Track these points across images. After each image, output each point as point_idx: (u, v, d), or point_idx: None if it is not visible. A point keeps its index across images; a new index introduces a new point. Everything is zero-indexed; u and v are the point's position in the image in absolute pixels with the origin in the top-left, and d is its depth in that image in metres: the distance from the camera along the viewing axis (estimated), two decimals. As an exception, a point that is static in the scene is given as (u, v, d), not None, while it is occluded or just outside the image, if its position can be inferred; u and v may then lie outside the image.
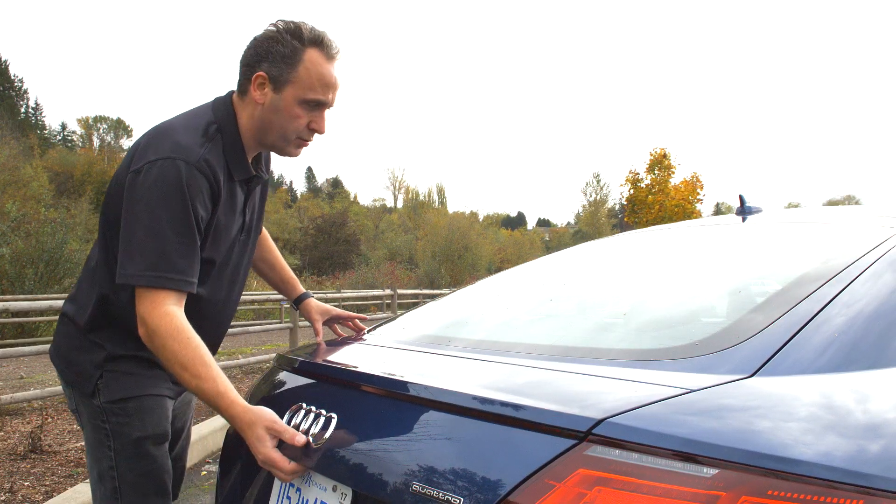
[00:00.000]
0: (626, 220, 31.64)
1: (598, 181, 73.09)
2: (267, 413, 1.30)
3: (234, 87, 1.57)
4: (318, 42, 1.48)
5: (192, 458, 4.43)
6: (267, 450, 1.26)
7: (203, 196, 1.45)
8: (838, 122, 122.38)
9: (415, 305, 16.59)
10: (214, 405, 1.36)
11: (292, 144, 1.55)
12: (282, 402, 1.39)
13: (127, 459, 1.55)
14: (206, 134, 1.49)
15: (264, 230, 1.94)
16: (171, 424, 1.68)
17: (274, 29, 1.48)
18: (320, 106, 1.51)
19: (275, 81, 1.47)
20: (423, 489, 0.92)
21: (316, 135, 1.56)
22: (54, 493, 3.58)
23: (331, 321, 1.96)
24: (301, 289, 1.97)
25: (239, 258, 1.67)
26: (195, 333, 1.40)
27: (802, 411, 0.81)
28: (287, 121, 1.50)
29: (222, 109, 1.54)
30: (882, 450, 0.74)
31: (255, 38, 1.50)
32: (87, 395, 1.57)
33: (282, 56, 1.45)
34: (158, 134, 1.48)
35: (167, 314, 1.38)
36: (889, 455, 0.73)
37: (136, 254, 1.39)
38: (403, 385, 1.13)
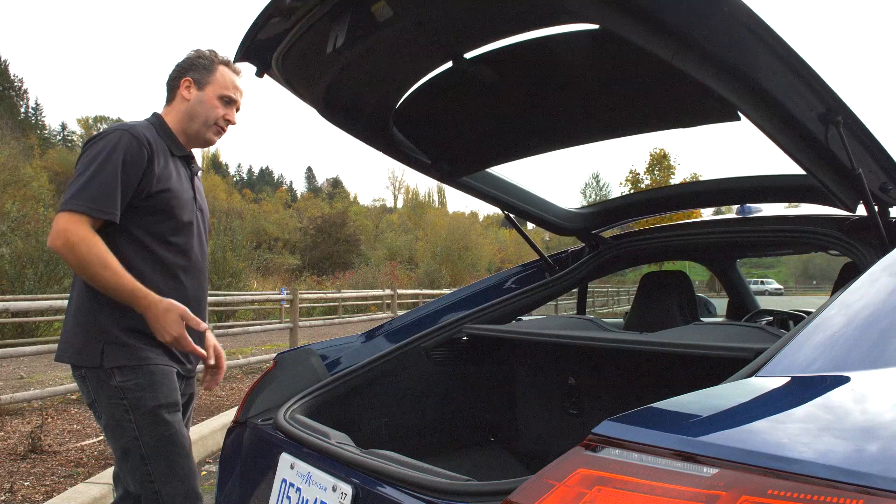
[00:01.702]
0: (626, 220, 31.51)
1: (598, 181, 72.91)
2: (178, 304, 1.79)
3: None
4: (226, 62, 2.03)
5: (192, 458, 4.42)
6: (181, 330, 1.79)
7: (136, 158, 1.82)
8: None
9: (414, 305, 16.57)
10: (132, 297, 1.76)
11: (212, 131, 2.03)
12: None
13: (147, 427, 1.79)
14: (144, 122, 1.97)
15: None
16: None
17: (195, 52, 2.03)
18: (232, 103, 2.03)
19: (198, 83, 1.99)
20: None
21: (230, 126, 2.06)
22: (54, 493, 3.58)
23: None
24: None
25: (199, 229, 2.02)
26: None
27: (802, 411, 0.81)
28: (209, 110, 2.00)
29: (151, 116, 2.02)
30: (882, 449, 0.74)
31: (179, 62, 2.02)
32: (103, 381, 1.77)
33: (203, 66, 2.00)
34: (108, 126, 1.94)
35: (89, 231, 1.75)
36: (889, 454, 0.73)
37: (67, 191, 1.78)
38: None
